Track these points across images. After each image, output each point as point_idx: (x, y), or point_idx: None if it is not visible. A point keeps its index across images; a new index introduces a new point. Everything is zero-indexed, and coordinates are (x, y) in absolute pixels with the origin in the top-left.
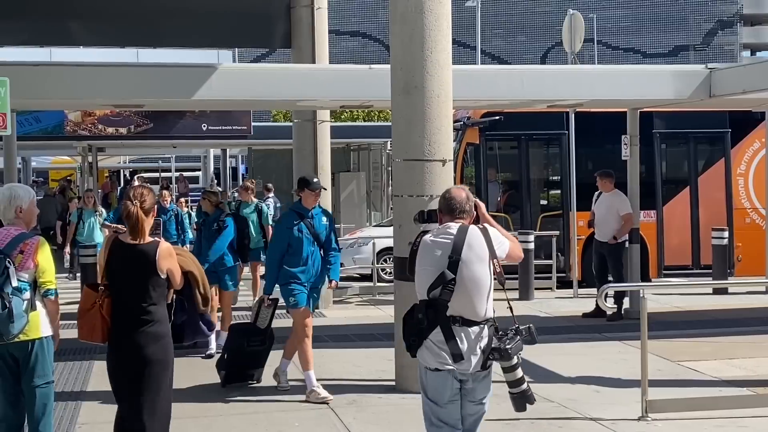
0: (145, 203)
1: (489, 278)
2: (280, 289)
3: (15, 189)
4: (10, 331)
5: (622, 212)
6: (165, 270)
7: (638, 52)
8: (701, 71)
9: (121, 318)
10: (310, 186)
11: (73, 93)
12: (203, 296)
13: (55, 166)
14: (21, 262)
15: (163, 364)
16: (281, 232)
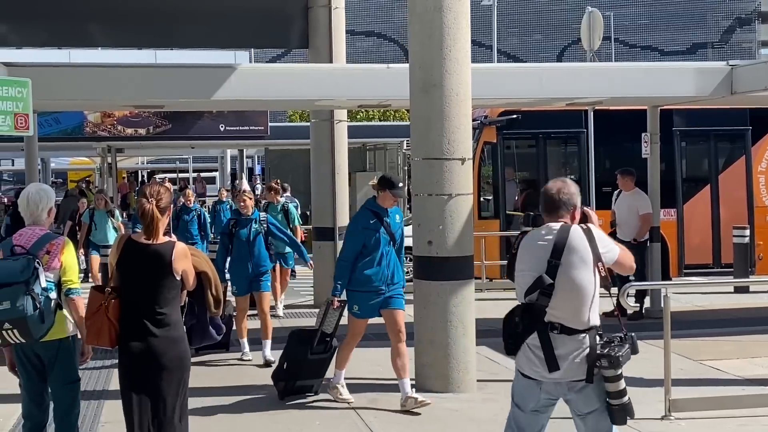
0: (161, 201)
1: (593, 284)
2: (346, 292)
3: (46, 190)
4: (40, 331)
5: (641, 212)
6: (180, 271)
7: (655, 50)
8: (722, 68)
9: (134, 321)
10: (393, 189)
11: (93, 94)
12: (215, 298)
13: (73, 167)
14: (47, 262)
15: (181, 369)
16: (356, 231)
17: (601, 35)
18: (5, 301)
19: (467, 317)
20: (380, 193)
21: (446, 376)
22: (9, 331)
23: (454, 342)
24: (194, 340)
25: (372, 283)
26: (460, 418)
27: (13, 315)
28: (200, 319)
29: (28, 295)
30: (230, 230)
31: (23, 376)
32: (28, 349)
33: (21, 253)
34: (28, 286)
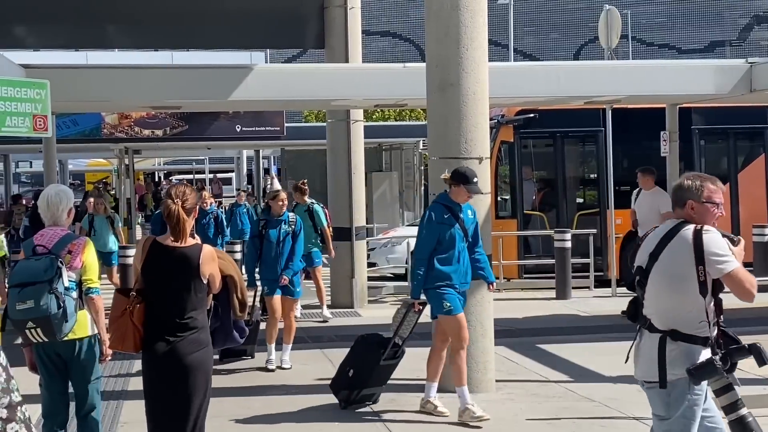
0: (186, 202)
1: (685, 286)
2: (426, 293)
3: (66, 191)
4: (63, 330)
5: (663, 210)
6: (207, 275)
7: (673, 48)
8: (742, 66)
9: (160, 325)
10: (468, 184)
11: (111, 95)
12: (241, 301)
13: (91, 169)
14: (69, 261)
15: (207, 373)
16: (432, 227)
17: (619, 33)
18: (29, 300)
19: (485, 317)
20: (453, 188)
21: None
22: (32, 330)
23: (472, 342)
24: (217, 342)
25: (450, 281)
26: None
27: (37, 314)
28: (224, 321)
29: (51, 294)
30: (260, 231)
31: (44, 375)
32: (48, 348)
33: (43, 252)
34: (52, 285)
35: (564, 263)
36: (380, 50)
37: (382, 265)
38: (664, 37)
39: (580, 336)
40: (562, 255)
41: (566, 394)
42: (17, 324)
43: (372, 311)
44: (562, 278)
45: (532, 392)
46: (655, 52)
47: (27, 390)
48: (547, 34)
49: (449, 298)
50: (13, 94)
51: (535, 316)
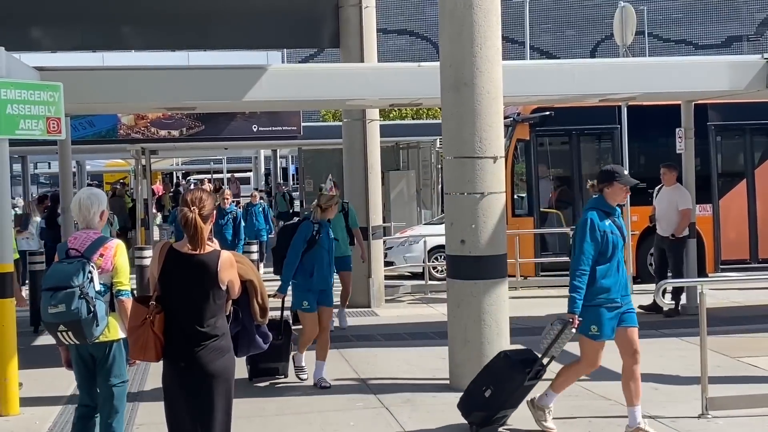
0: (203, 209)
1: None
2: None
3: (97, 193)
4: (94, 333)
5: (681, 207)
6: (226, 281)
7: (690, 44)
8: (757, 62)
9: (179, 332)
10: (620, 179)
11: (125, 97)
12: (261, 307)
13: (109, 170)
14: (101, 265)
15: (229, 380)
16: (593, 235)
17: (634, 30)
18: (60, 304)
19: (501, 316)
20: (607, 189)
21: None
22: (64, 333)
23: (488, 341)
24: (240, 349)
25: (609, 295)
26: None
27: (68, 318)
28: (246, 327)
29: (82, 298)
30: (314, 236)
31: (78, 373)
32: (83, 348)
33: (75, 256)
34: (83, 290)
35: None
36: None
37: (399, 264)
38: (680, 32)
39: None
40: None
41: (582, 393)
42: (50, 327)
43: (389, 311)
44: None
45: None
46: (672, 48)
47: (44, 393)
48: (563, 31)
49: (599, 322)
50: (26, 96)
51: (551, 313)
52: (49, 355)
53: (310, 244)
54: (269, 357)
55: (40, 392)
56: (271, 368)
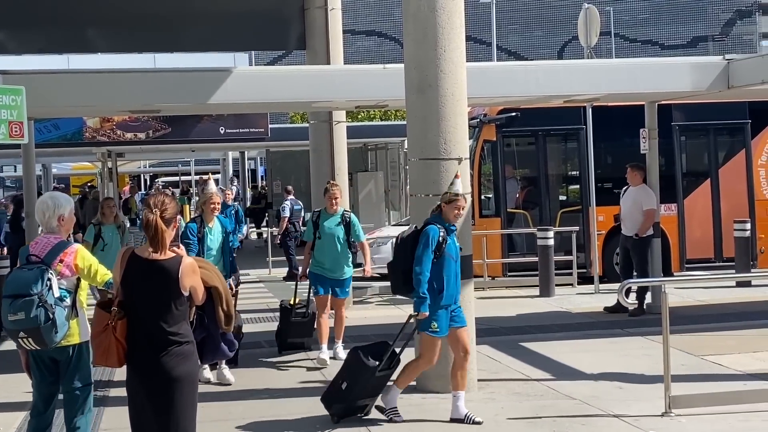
0: (165, 212)
1: None
2: None
3: (57, 197)
4: (54, 340)
5: (645, 207)
6: (188, 287)
7: (656, 44)
8: (719, 62)
9: (141, 338)
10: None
11: (89, 100)
12: (226, 314)
13: (76, 172)
14: (61, 271)
15: (193, 385)
16: None
17: (599, 31)
18: (20, 312)
19: (467, 317)
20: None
21: (447, 377)
22: (24, 339)
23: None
24: (205, 356)
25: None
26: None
27: (27, 325)
28: (212, 333)
29: (41, 306)
30: None
31: (36, 376)
32: (43, 352)
33: (36, 262)
34: (41, 297)
35: (547, 261)
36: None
37: None
38: (646, 33)
39: (563, 333)
40: (545, 253)
41: (548, 393)
42: (11, 333)
43: (357, 312)
44: (545, 276)
45: (514, 391)
46: (639, 49)
47: (9, 399)
48: (531, 32)
49: None
50: None
51: (518, 314)
52: (13, 360)
53: None
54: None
55: (4, 398)
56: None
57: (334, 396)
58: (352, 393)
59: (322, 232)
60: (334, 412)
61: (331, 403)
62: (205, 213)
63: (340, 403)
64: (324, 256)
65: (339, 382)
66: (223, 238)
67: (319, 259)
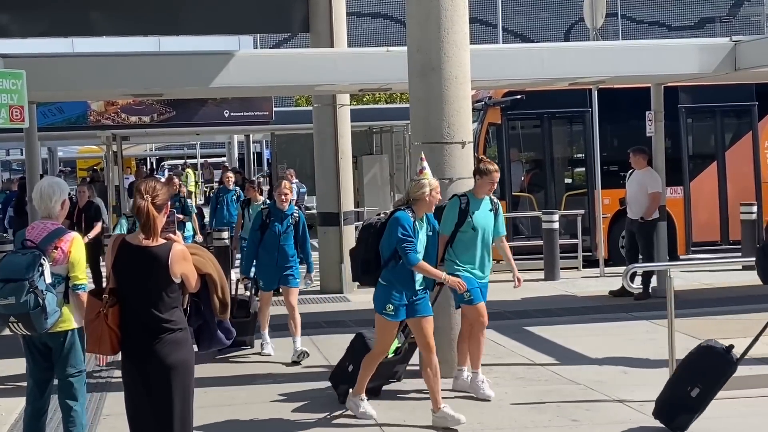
0: (157, 198)
1: None
2: None
3: (59, 183)
4: (44, 326)
5: (650, 190)
6: (179, 274)
7: (663, 26)
8: (726, 44)
9: (134, 326)
10: None
11: (92, 84)
12: (222, 301)
13: (82, 156)
14: (56, 257)
15: (188, 373)
16: None
17: (604, 13)
18: (10, 296)
19: None
20: None
21: (451, 362)
22: (15, 324)
23: (458, 327)
24: (202, 344)
25: None
26: (464, 403)
27: (17, 310)
28: (208, 322)
29: (31, 291)
30: None
31: (29, 361)
32: (36, 338)
33: (30, 247)
34: (32, 282)
35: (552, 244)
36: (372, 32)
37: None
38: (653, 14)
39: (568, 317)
40: (550, 236)
41: (552, 377)
42: (1, 318)
43: (361, 296)
44: (550, 259)
45: (518, 376)
46: (645, 30)
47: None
48: (537, 13)
49: None
50: None
51: (523, 298)
52: (15, 345)
53: None
54: None
55: (5, 383)
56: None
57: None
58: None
59: None
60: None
61: (338, 384)
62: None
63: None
64: None
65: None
66: None
67: None
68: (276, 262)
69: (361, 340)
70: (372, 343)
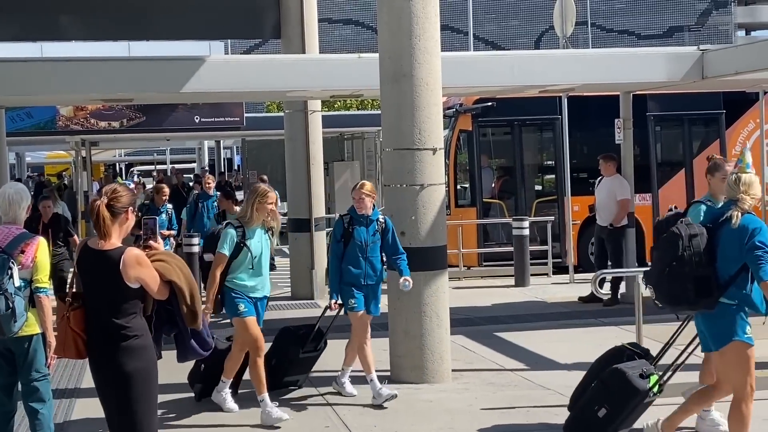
0: (114, 201)
1: None
2: None
3: (22, 189)
4: (12, 329)
5: (619, 197)
6: (133, 279)
7: (632, 34)
8: (693, 53)
9: (96, 331)
10: None
11: (61, 88)
12: (190, 309)
13: (50, 161)
14: (22, 261)
15: (147, 379)
16: None
17: (574, 21)
18: None
19: (441, 307)
20: None
21: (421, 367)
22: None
23: (428, 332)
24: (179, 354)
25: None
26: (434, 409)
27: None
28: (181, 331)
29: (1, 295)
30: None
31: None
32: (0, 342)
33: None
34: (2, 286)
35: (522, 251)
36: (344, 39)
37: None
38: (623, 23)
39: (538, 323)
40: (521, 242)
41: (522, 383)
42: None
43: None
44: (520, 266)
45: (488, 381)
46: (615, 39)
47: None
48: (507, 21)
49: None
50: None
51: (493, 304)
52: None
53: None
54: None
55: None
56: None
57: None
58: (281, 369)
59: None
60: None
61: None
62: None
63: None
64: None
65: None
66: None
67: None
68: (362, 279)
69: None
70: None
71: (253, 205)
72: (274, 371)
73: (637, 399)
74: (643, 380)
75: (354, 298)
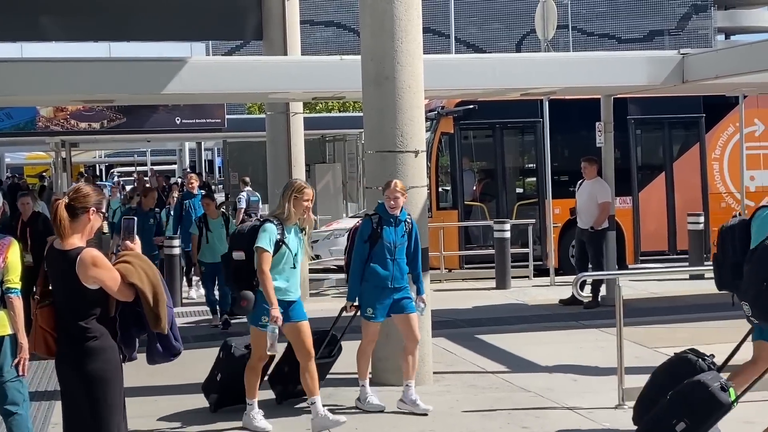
0: (76, 201)
1: None
2: None
3: None
4: None
5: (600, 200)
6: (90, 280)
7: (613, 38)
8: (674, 57)
9: (60, 332)
10: None
11: (41, 89)
12: (153, 313)
13: (30, 162)
14: None
15: (107, 384)
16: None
17: (555, 25)
18: None
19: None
20: None
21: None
22: None
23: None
24: (148, 357)
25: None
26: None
27: None
28: (148, 334)
29: None
30: None
31: None
32: None
33: None
34: None
35: (503, 253)
36: (325, 40)
37: (324, 258)
38: (603, 26)
39: (519, 326)
40: (502, 245)
41: (503, 385)
42: None
43: (314, 305)
44: (501, 268)
45: (470, 384)
46: (596, 42)
47: None
48: (489, 25)
49: None
50: None
51: (475, 306)
52: None
53: None
54: None
55: None
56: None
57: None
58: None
59: None
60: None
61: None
62: None
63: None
64: None
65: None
66: None
67: None
68: (390, 282)
69: None
70: None
71: (290, 201)
72: (287, 379)
73: (721, 413)
74: (724, 393)
75: (374, 309)
